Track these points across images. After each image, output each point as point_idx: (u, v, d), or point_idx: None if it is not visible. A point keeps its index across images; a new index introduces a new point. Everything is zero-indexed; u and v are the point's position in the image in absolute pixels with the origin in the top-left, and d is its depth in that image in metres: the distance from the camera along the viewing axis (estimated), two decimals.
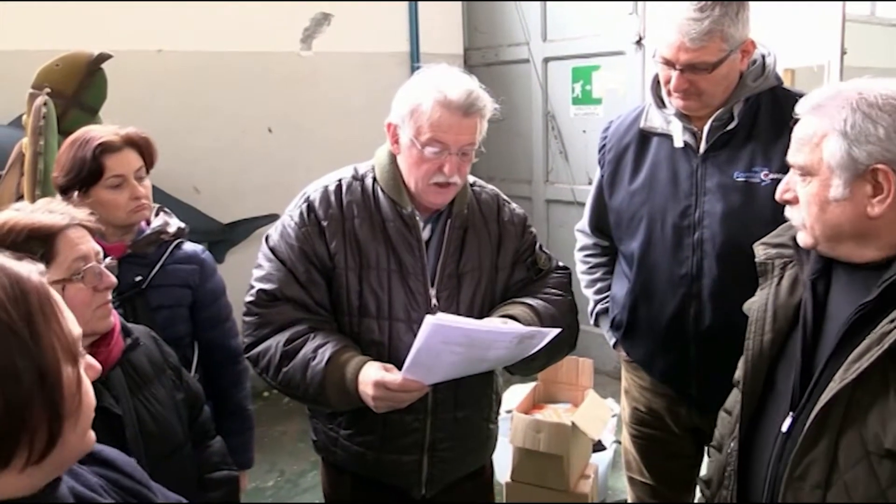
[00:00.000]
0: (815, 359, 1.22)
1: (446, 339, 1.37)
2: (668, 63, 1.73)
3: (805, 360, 1.23)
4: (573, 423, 2.84)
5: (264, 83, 4.28)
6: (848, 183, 1.15)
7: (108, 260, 1.40)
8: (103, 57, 2.62)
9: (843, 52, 3.39)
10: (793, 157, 1.22)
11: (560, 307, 1.71)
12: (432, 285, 1.64)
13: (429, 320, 1.33)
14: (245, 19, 4.14)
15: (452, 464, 1.73)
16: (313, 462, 1.89)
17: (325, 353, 1.54)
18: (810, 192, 1.19)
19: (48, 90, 2.35)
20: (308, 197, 1.68)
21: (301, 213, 1.65)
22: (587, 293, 2.20)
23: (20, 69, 2.57)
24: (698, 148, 1.81)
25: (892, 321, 1.10)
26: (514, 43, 4.67)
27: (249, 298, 1.66)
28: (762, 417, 1.30)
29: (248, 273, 1.71)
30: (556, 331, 1.49)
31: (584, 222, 2.18)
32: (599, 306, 2.16)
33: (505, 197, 1.83)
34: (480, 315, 1.66)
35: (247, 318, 1.65)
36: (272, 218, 3.97)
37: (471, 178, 1.77)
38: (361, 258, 1.62)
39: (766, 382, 1.30)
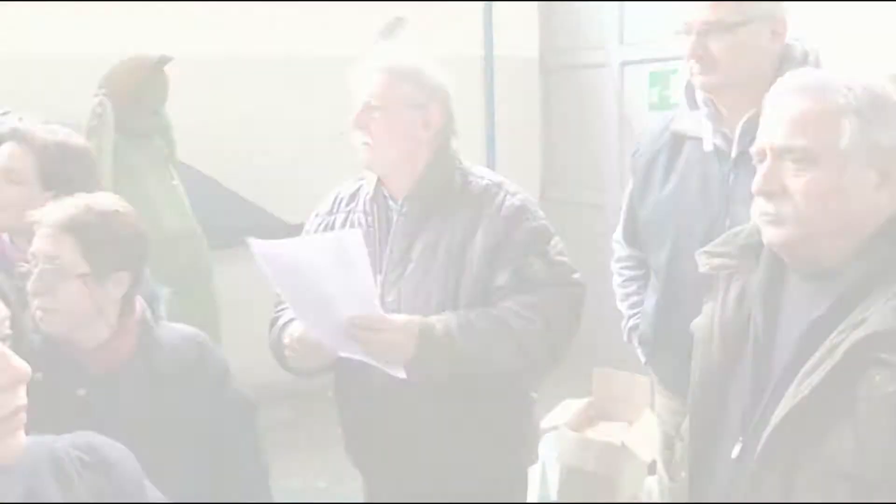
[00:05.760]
0: (768, 378, 1.12)
1: (277, 263, 1.43)
2: (689, 28, 1.63)
3: (756, 381, 1.13)
4: (623, 443, 2.70)
5: (337, 88, 4.29)
6: (860, 169, 1.05)
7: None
8: (164, 59, 2.72)
9: None
10: (787, 139, 1.07)
11: (523, 330, 1.50)
12: (380, 271, 1.58)
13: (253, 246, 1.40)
14: (317, 22, 4.16)
15: None
16: None
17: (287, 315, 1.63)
18: (815, 179, 1.05)
19: (104, 91, 2.45)
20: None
21: (309, 222, 1.77)
22: (621, 307, 2.06)
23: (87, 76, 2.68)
24: (730, 151, 1.67)
25: (840, 332, 1.00)
26: (590, 46, 4.51)
27: None
28: (714, 444, 1.20)
29: None
30: (353, 233, 1.45)
31: (618, 232, 2.03)
32: (632, 322, 2.01)
33: (508, 188, 1.62)
34: (427, 308, 1.52)
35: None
36: None
37: (470, 166, 1.67)
38: None
39: (718, 405, 1.20)
